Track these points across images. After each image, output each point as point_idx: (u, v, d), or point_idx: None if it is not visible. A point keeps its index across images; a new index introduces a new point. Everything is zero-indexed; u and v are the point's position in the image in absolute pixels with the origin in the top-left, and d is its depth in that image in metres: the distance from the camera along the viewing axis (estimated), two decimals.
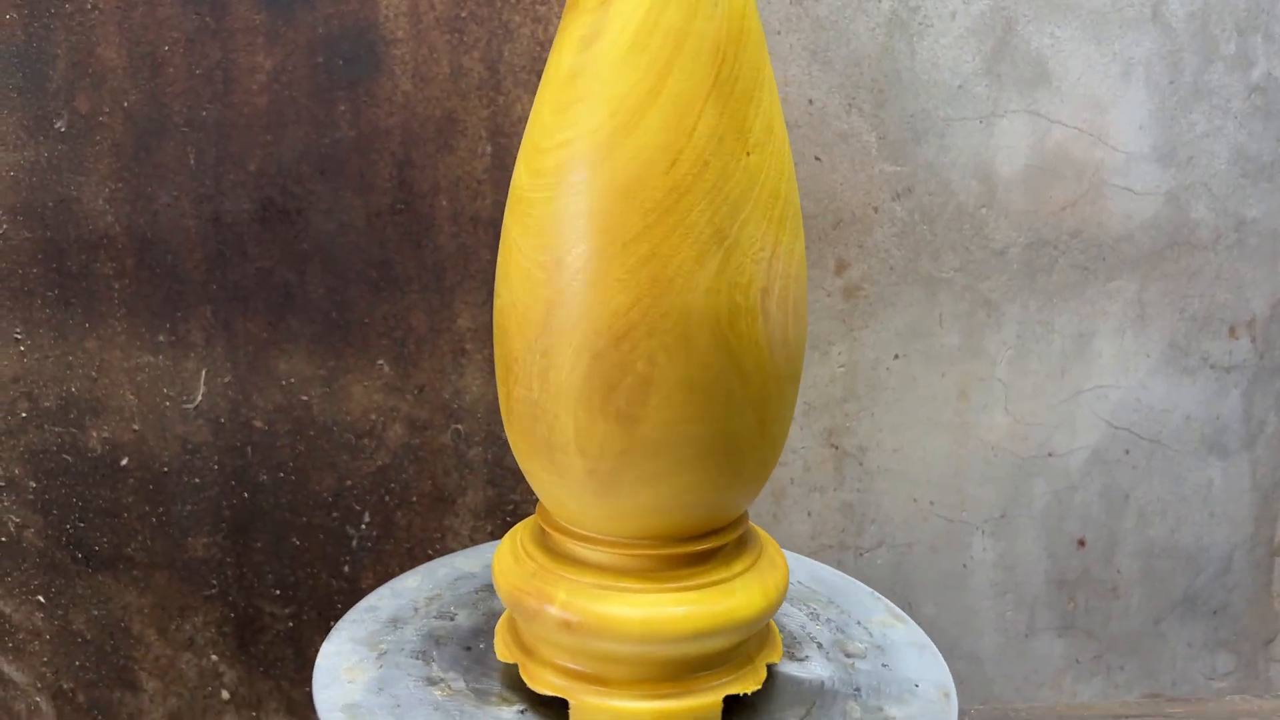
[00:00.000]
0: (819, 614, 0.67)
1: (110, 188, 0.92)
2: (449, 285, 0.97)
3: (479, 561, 0.77)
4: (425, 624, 0.66)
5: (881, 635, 0.64)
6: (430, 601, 0.69)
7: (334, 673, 0.61)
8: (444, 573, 0.74)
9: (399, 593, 0.71)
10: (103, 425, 0.97)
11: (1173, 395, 1.10)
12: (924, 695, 0.58)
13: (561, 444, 0.52)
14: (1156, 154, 1.04)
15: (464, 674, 0.60)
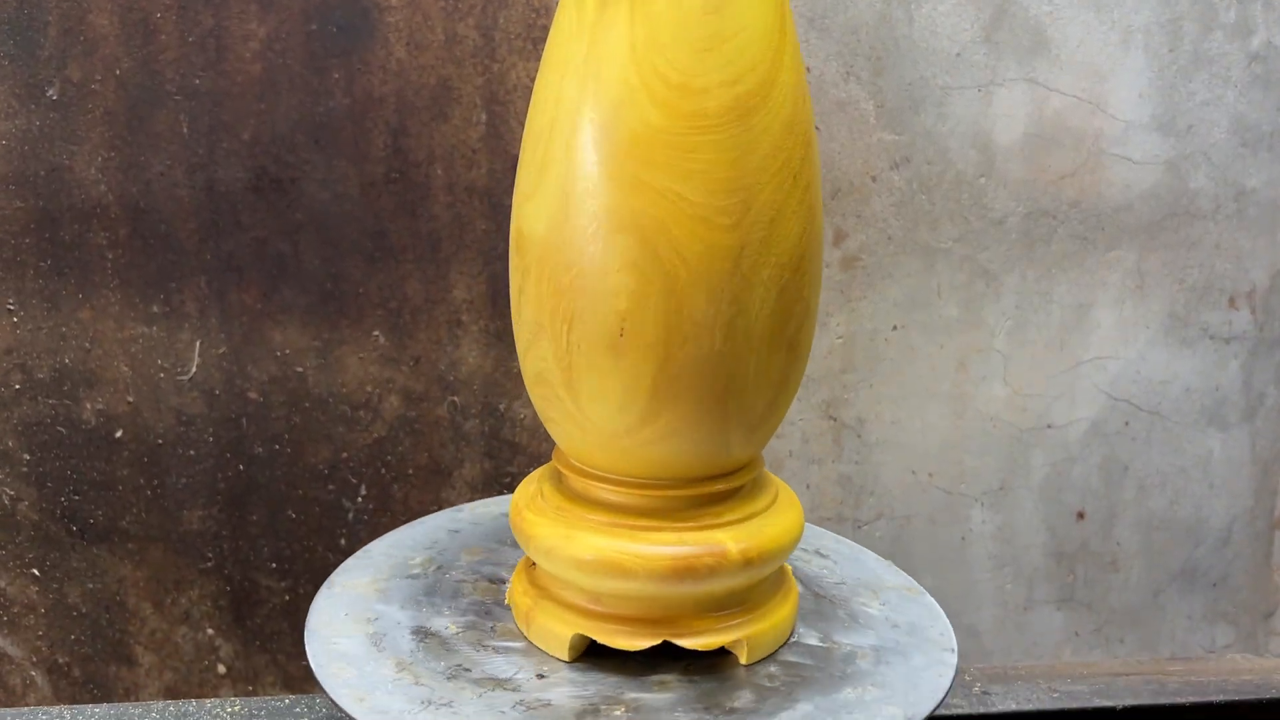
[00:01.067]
0: None
1: (103, 156, 0.91)
2: (444, 256, 0.97)
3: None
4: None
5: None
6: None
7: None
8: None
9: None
10: (97, 397, 0.96)
11: (1172, 366, 1.10)
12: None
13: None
14: (1156, 123, 1.04)
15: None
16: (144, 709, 0.60)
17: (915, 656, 0.56)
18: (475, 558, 0.69)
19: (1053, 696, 0.61)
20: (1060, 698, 0.61)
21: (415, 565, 0.68)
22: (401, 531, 0.74)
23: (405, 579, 0.66)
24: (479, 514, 0.76)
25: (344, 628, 0.60)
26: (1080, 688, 0.61)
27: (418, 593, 0.64)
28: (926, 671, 0.54)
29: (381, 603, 0.63)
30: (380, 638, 0.59)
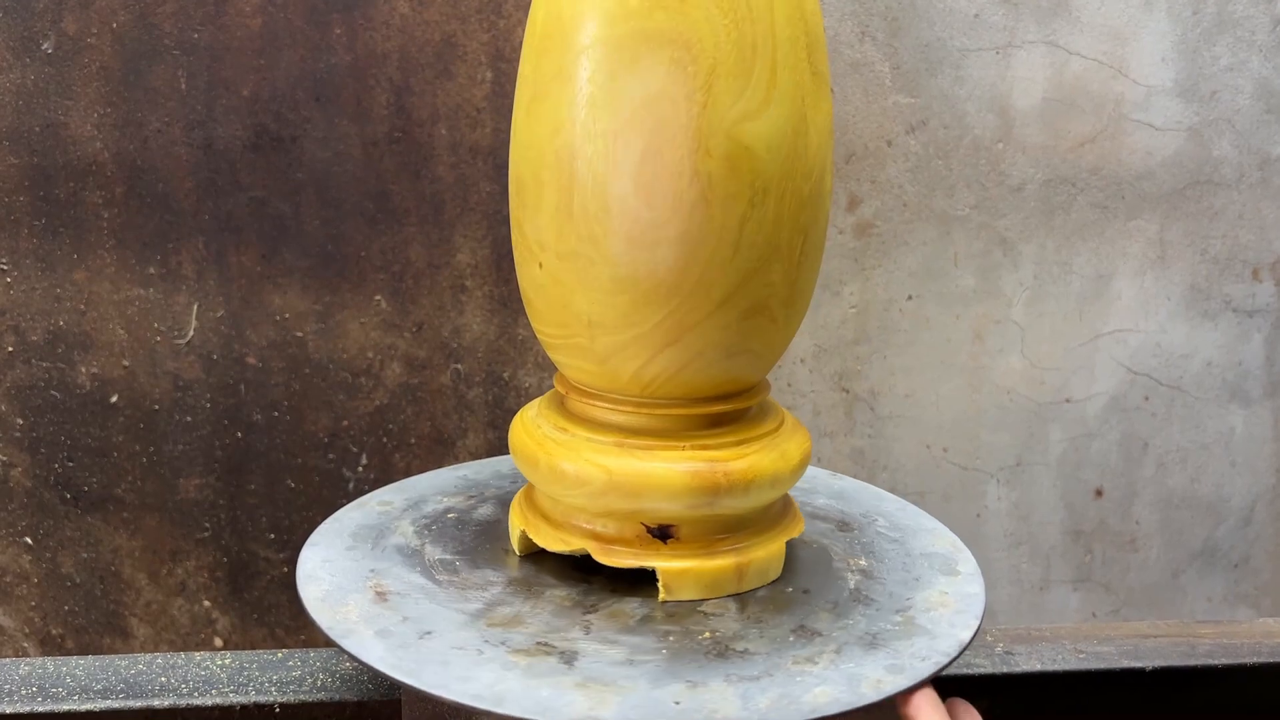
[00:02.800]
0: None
1: (99, 112, 0.89)
2: (448, 218, 0.94)
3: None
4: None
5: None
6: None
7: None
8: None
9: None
10: (91, 361, 0.94)
11: (1193, 340, 1.07)
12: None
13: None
14: (1178, 88, 1.01)
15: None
16: (130, 660, 0.58)
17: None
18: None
19: (1079, 657, 0.58)
20: (1086, 658, 0.58)
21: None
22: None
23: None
24: None
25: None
26: (1107, 649, 0.59)
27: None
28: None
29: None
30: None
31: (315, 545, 0.59)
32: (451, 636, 0.49)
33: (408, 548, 0.58)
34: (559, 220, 0.50)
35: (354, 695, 0.58)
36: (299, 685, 0.58)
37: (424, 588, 0.54)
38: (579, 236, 0.49)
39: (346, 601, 0.52)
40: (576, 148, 0.48)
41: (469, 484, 0.68)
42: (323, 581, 0.54)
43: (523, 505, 0.59)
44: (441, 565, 0.56)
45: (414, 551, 0.58)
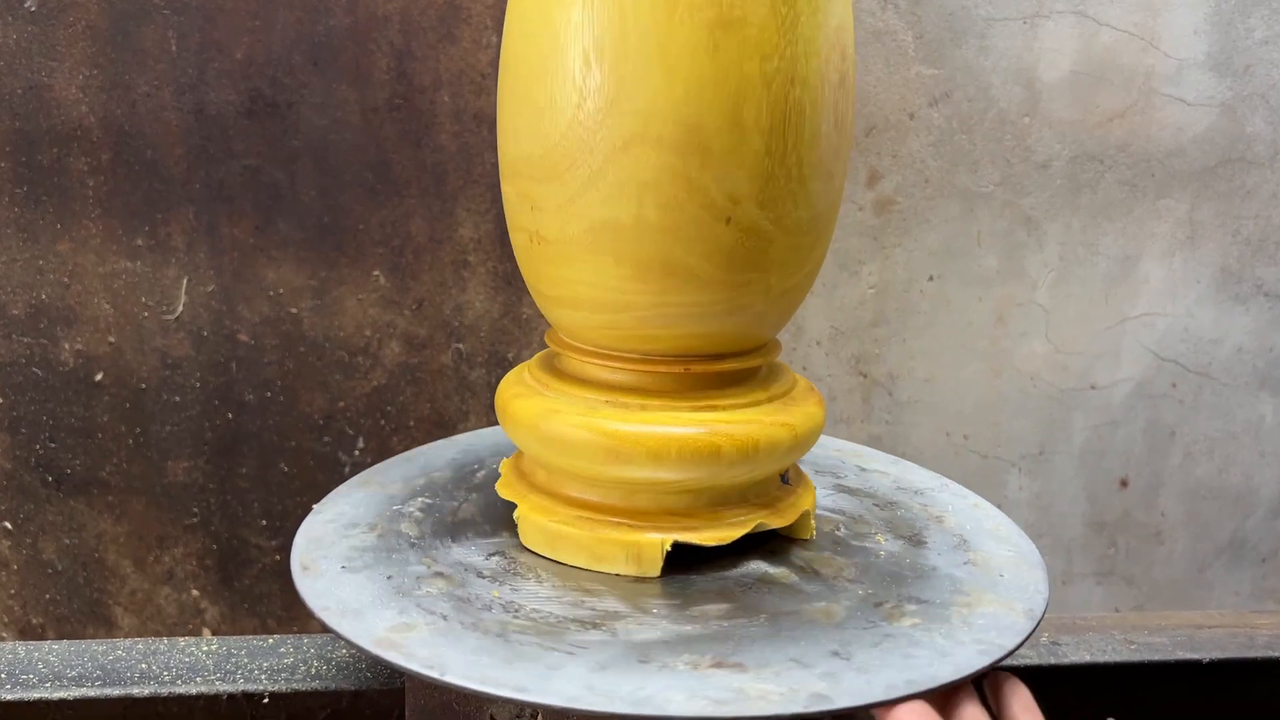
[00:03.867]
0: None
1: (84, 74, 0.85)
2: (451, 190, 0.90)
3: None
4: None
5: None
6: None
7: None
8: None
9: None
10: (76, 336, 0.89)
11: (1223, 324, 1.03)
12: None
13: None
14: (1211, 62, 0.97)
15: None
16: (108, 645, 0.54)
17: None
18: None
19: (1130, 649, 0.54)
20: (1139, 650, 0.54)
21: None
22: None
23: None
24: None
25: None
26: (1160, 639, 0.55)
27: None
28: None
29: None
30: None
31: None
32: None
33: None
34: None
35: (351, 684, 0.54)
36: (291, 673, 0.54)
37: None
38: None
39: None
40: None
41: None
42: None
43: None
44: None
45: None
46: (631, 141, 0.44)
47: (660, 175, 0.44)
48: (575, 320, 0.49)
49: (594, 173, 0.44)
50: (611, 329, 0.48)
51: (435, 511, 0.54)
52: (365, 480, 0.59)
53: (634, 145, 0.44)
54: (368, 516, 0.53)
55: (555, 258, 0.47)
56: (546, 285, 0.49)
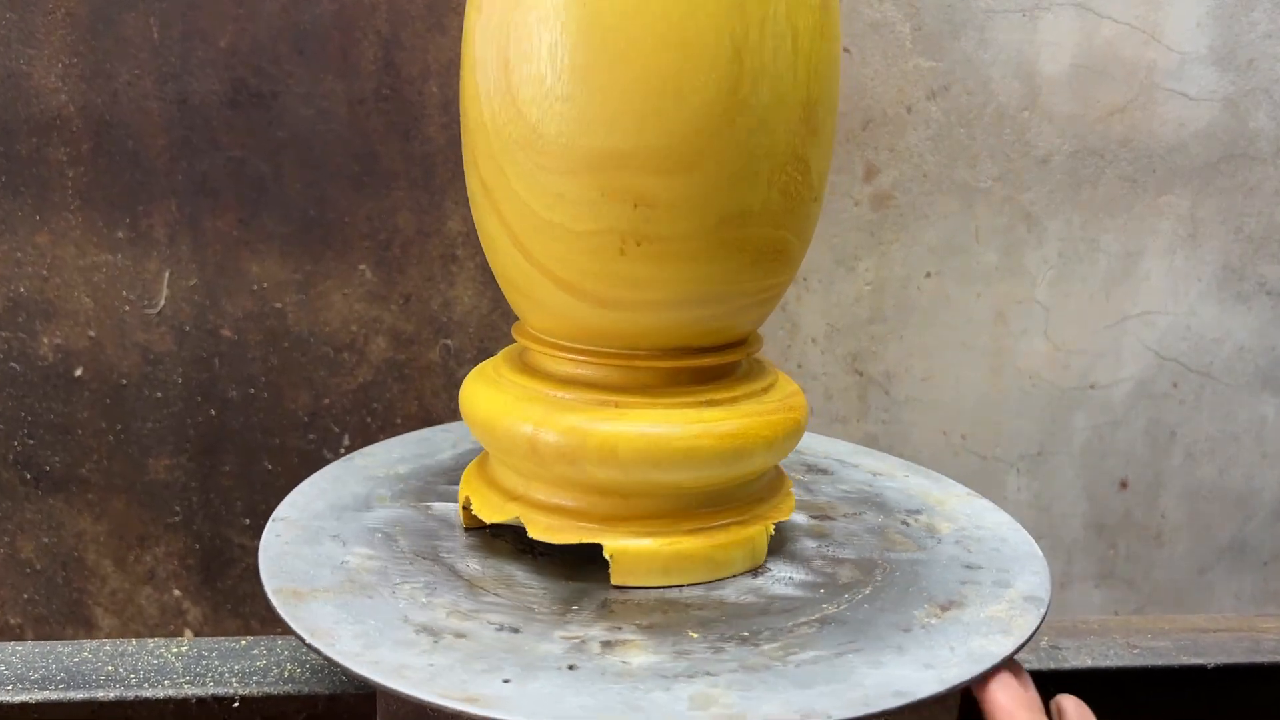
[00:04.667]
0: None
1: (64, 62, 0.83)
2: (439, 183, 0.88)
3: None
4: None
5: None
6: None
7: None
8: None
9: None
10: (55, 331, 0.87)
11: (1225, 323, 1.02)
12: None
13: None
14: (1214, 55, 0.96)
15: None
16: (74, 647, 0.52)
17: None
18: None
19: (1133, 653, 0.52)
20: (1141, 654, 0.52)
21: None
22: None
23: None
24: None
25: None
26: (1163, 644, 0.53)
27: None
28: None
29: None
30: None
31: None
32: None
33: None
34: None
35: (325, 689, 0.52)
36: (263, 676, 0.52)
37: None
38: None
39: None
40: None
41: None
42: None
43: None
44: None
45: None
46: (765, 124, 0.42)
47: (786, 159, 0.43)
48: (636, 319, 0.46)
49: (729, 159, 0.43)
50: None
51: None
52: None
53: (767, 128, 0.43)
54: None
55: (663, 256, 0.44)
56: (627, 290, 0.46)
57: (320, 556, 0.48)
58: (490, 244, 0.48)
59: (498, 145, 0.45)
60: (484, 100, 0.45)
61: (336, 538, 0.50)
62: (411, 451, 0.62)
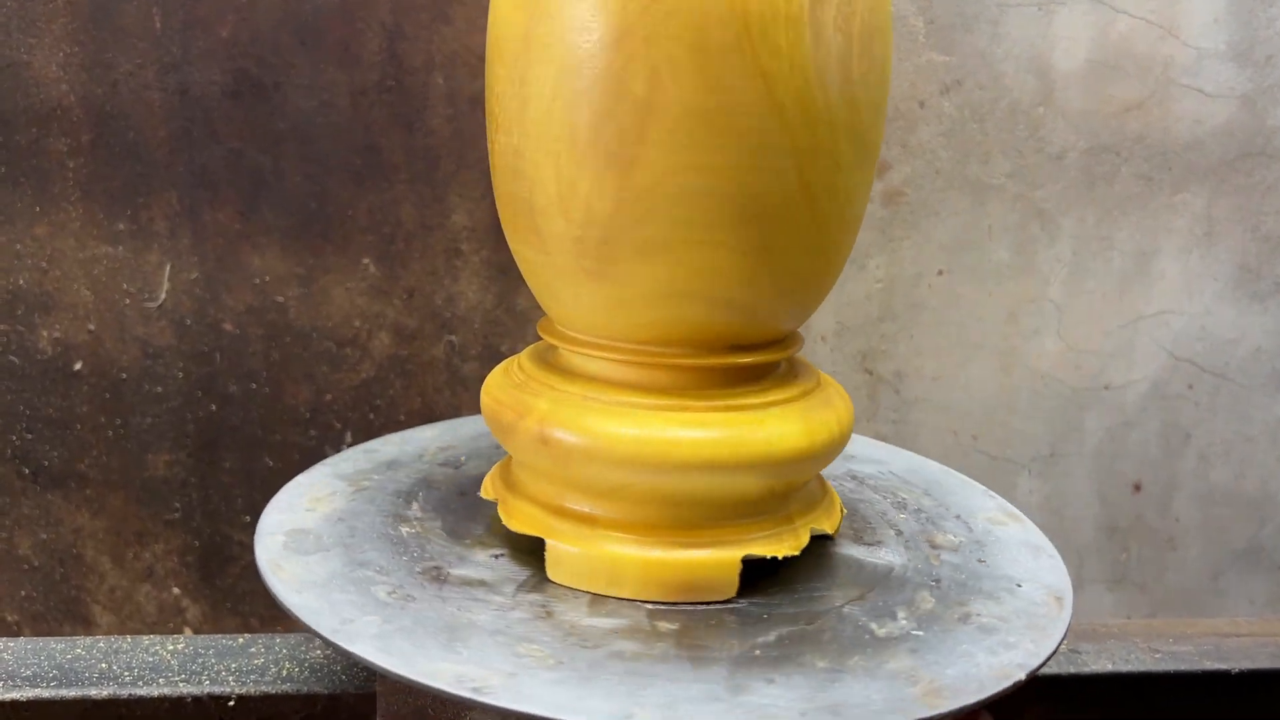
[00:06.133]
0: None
1: (64, 52, 0.82)
2: (443, 176, 0.87)
3: None
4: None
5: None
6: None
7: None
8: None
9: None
10: (53, 324, 0.86)
11: (1241, 324, 1.00)
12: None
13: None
14: (1232, 51, 0.94)
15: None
16: (67, 644, 0.51)
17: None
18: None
19: (1155, 657, 0.51)
20: (1163, 659, 0.51)
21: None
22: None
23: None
24: None
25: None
26: (1185, 648, 0.52)
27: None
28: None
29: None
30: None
31: None
32: None
33: None
34: None
35: (325, 687, 0.51)
36: (261, 675, 0.51)
37: None
38: None
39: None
40: None
41: None
42: None
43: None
44: None
45: None
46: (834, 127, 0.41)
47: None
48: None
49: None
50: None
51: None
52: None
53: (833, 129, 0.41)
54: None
55: None
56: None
57: None
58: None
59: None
60: None
61: None
62: None
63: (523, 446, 0.45)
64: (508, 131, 0.43)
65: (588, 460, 0.43)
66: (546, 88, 0.41)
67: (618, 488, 0.43)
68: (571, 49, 0.40)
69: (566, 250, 0.43)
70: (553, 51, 0.40)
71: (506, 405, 0.46)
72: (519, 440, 0.45)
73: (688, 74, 0.39)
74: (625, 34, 0.39)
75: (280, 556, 0.47)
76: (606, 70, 0.39)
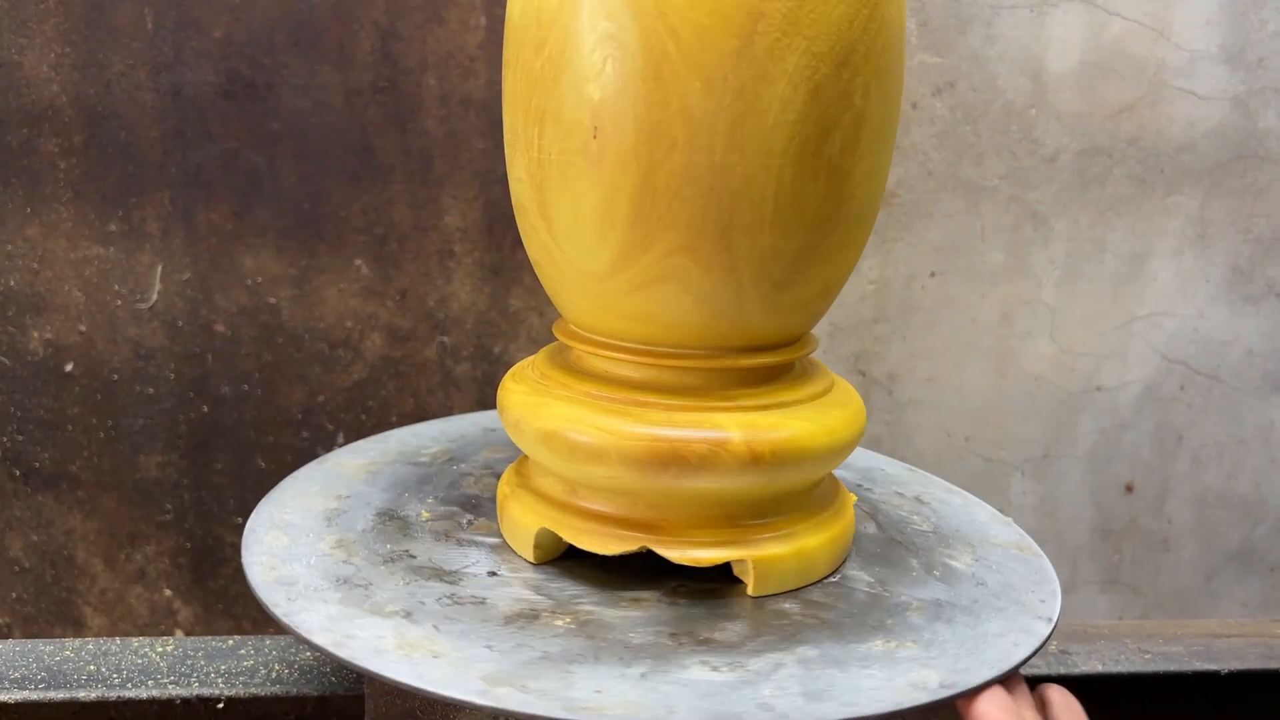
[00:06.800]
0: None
1: (56, 52, 0.82)
2: (436, 177, 0.87)
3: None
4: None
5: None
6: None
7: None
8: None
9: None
10: (45, 325, 0.86)
11: (1233, 325, 1.00)
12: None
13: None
14: (1224, 54, 0.94)
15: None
16: (56, 645, 0.50)
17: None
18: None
19: (1144, 658, 0.51)
20: (1153, 660, 0.51)
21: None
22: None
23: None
24: None
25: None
26: (1175, 649, 0.52)
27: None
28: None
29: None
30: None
31: None
32: None
33: None
34: None
35: (314, 689, 0.51)
36: (250, 677, 0.50)
37: None
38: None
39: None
40: None
41: None
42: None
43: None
44: None
45: None
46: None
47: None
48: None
49: None
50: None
51: None
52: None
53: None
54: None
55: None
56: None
57: None
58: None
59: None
60: None
61: None
62: None
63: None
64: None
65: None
66: None
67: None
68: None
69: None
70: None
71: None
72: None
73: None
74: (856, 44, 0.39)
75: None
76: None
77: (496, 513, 0.51)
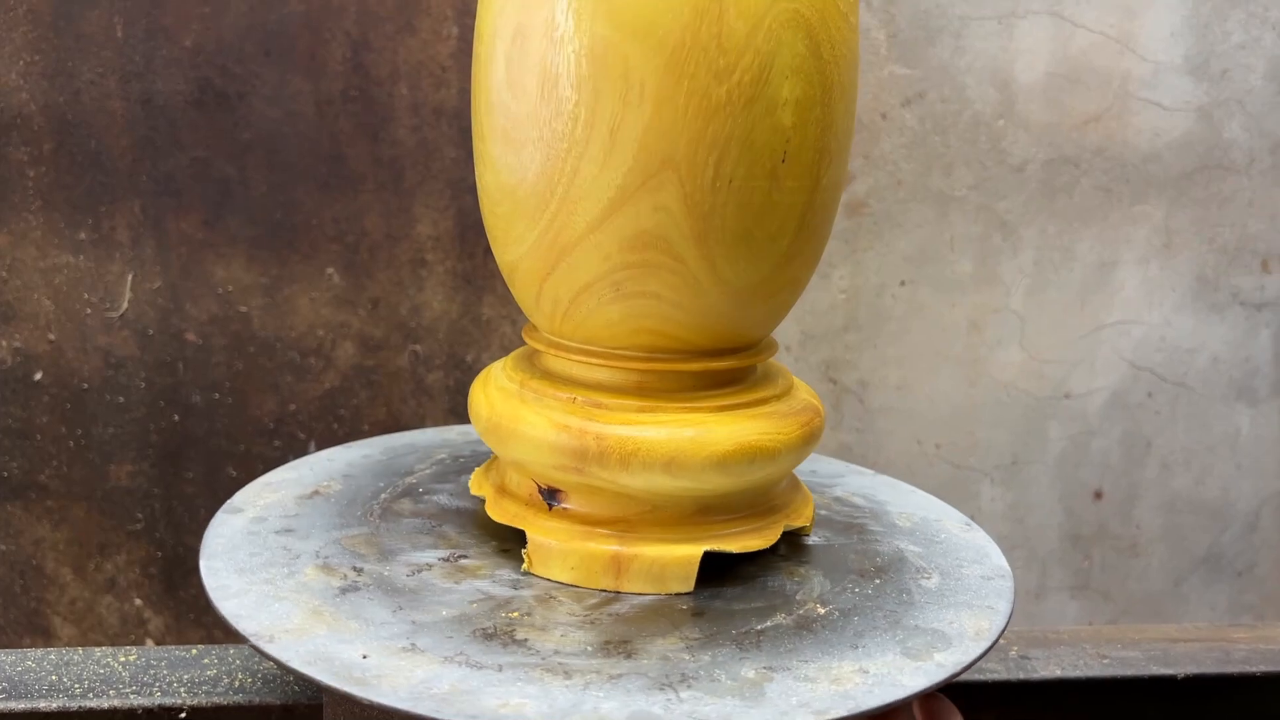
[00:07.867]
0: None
1: (25, 60, 0.81)
2: (408, 186, 0.87)
3: None
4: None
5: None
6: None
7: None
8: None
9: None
10: (14, 334, 0.86)
11: (1199, 334, 1.01)
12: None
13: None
14: (1188, 65, 0.96)
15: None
16: (17, 655, 0.50)
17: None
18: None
19: (1103, 663, 0.52)
20: (1111, 664, 0.52)
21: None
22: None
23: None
24: None
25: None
26: (1133, 654, 0.52)
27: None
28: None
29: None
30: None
31: None
32: None
33: None
34: None
35: (277, 698, 0.51)
36: (213, 686, 0.50)
37: None
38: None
39: None
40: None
41: None
42: None
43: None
44: None
45: None
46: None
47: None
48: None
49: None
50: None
51: None
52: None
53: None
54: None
55: None
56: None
57: None
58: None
59: None
60: None
61: None
62: None
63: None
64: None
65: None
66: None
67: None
68: None
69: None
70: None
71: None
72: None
73: None
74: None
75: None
76: None
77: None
